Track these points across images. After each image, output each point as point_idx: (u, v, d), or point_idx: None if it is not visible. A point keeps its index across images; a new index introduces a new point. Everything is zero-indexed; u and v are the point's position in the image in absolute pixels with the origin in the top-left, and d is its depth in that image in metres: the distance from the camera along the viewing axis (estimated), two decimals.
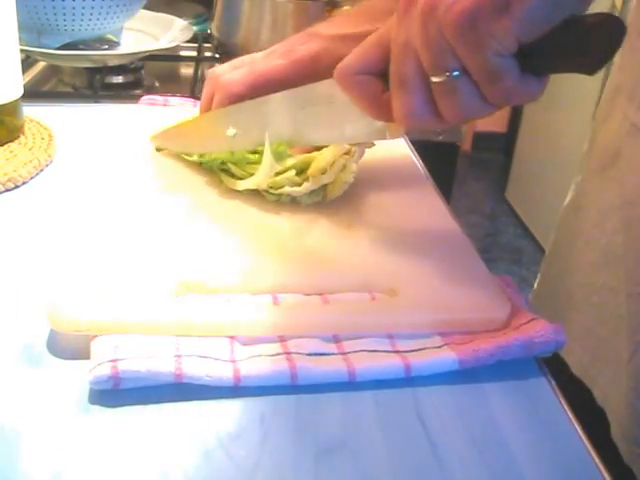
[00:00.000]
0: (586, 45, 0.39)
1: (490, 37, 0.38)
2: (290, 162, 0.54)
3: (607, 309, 0.64)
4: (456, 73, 0.40)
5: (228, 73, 0.58)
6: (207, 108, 0.60)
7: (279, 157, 0.53)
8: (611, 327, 0.63)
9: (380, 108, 0.45)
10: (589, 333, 0.65)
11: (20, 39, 0.64)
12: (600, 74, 0.40)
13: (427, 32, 0.40)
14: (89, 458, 0.35)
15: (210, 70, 0.61)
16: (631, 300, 0.61)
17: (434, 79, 0.41)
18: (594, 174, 0.67)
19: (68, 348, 0.41)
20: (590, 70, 0.39)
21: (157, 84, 0.98)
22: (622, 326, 0.62)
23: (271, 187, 0.55)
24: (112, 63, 0.91)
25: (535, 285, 0.77)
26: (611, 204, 0.63)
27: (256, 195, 0.56)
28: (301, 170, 0.55)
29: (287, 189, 0.54)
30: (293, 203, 0.55)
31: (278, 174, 0.54)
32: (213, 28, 0.97)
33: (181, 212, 0.53)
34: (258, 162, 0.55)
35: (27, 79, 0.91)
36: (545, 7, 0.37)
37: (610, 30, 0.39)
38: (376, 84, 0.45)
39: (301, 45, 0.58)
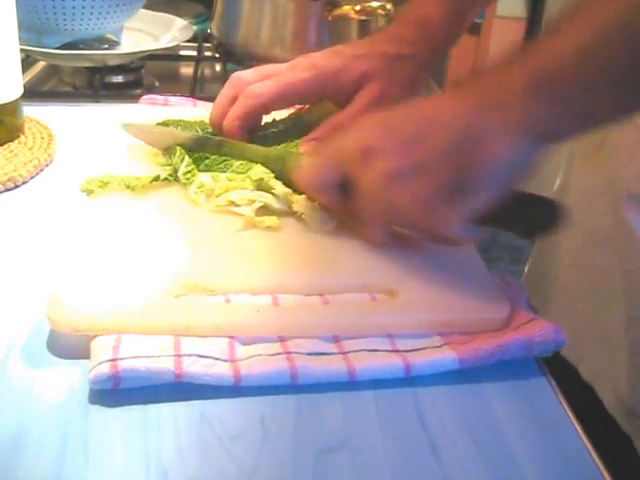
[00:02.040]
0: (525, 222, 0.46)
1: (443, 221, 0.45)
2: None
3: (596, 288, 0.66)
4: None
5: (255, 81, 0.60)
6: (223, 108, 0.61)
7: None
8: (598, 305, 0.65)
9: (346, 211, 0.50)
10: (574, 312, 0.67)
11: (20, 39, 0.64)
12: None
13: (387, 204, 0.46)
14: (89, 458, 0.35)
15: (234, 74, 0.62)
16: (626, 278, 0.62)
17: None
18: (580, 160, 0.70)
19: (68, 348, 0.41)
20: (525, 238, 0.48)
21: (157, 84, 0.98)
22: (613, 303, 0.64)
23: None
24: (112, 63, 0.91)
25: (526, 269, 0.79)
26: (597, 188, 0.66)
27: None
28: None
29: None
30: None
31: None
32: (213, 28, 0.97)
33: (181, 212, 0.53)
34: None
35: (27, 79, 0.91)
36: (493, 194, 0.43)
37: (548, 215, 0.45)
38: (337, 195, 0.50)
39: (324, 61, 0.61)
